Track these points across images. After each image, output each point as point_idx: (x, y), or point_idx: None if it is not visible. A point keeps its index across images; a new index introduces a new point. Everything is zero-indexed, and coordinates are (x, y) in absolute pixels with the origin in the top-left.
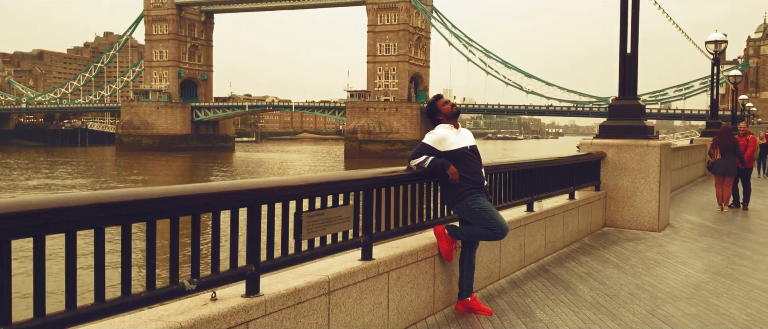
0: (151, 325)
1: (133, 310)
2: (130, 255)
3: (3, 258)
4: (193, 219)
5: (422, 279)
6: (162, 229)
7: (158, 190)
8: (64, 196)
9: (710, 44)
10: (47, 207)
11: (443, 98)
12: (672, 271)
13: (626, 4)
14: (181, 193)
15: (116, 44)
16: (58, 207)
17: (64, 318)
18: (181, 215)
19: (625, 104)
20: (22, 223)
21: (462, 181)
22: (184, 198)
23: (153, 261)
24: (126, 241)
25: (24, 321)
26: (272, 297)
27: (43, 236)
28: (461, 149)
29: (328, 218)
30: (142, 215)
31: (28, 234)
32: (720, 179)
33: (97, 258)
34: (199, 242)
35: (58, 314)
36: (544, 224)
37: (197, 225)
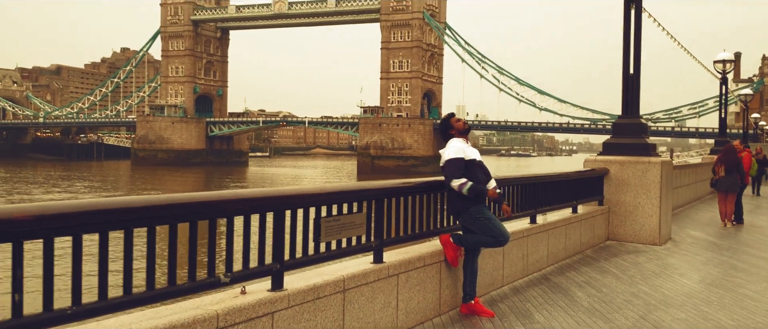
0: (192, 312)
1: (179, 297)
2: (176, 251)
3: (86, 248)
4: (228, 222)
5: (429, 283)
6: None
7: (200, 195)
8: (124, 199)
9: (718, 64)
10: (113, 208)
11: (456, 116)
12: (668, 281)
13: (629, 27)
14: (219, 198)
15: (133, 60)
16: (121, 208)
17: (121, 302)
18: (218, 217)
19: (628, 123)
20: (91, 220)
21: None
22: (221, 203)
23: (194, 257)
24: (173, 239)
25: (91, 302)
26: (294, 292)
27: (107, 232)
28: (473, 161)
29: (343, 224)
30: (186, 216)
31: (97, 230)
32: (723, 196)
33: (149, 252)
34: (233, 242)
35: (118, 298)
36: (547, 235)
37: (231, 227)
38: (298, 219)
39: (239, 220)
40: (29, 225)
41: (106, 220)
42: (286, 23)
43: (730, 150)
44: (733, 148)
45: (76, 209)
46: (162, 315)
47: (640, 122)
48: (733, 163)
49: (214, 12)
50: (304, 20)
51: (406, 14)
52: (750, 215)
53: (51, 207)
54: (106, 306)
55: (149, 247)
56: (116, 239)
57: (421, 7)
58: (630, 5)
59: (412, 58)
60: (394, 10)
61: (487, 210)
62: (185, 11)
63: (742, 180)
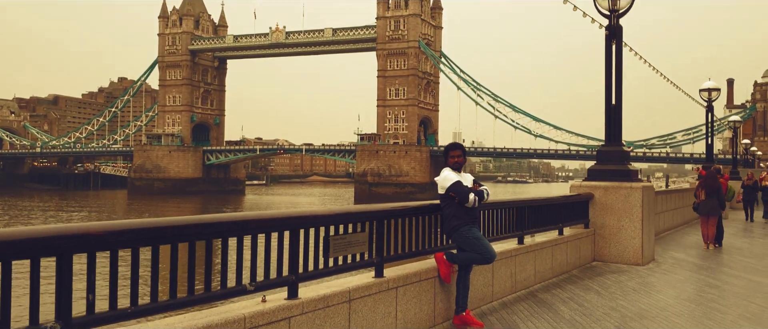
0: (223, 316)
1: (215, 301)
2: (211, 262)
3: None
4: (253, 239)
5: (425, 296)
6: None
7: (231, 216)
8: (172, 218)
9: (704, 92)
10: (166, 225)
11: (458, 152)
12: (645, 297)
13: (610, 61)
14: (245, 218)
15: (130, 89)
16: (172, 225)
17: (168, 304)
18: (245, 234)
19: (611, 150)
20: (150, 235)
21: (461, 214)
22: (247, 222)
23: (225, 268)
24: (208, 252)
25: (145, 304)
26: (307, 300)
27: (158, 247)
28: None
29: (349, 242)
30: (220, 234)
31: (145, 245)
32: (705, 219)
33: (190, 264)
34: (257, 256)
35: (165, 301)
36: (534, 256)
37: (255, 243)
38: (311, 237)
39: (261, 237)
40: (107, 238)
41: (160, 235)
42: (283, 52)
43: (711, 175)
44: (713, 173)
45: (139, 226)
46: (201, 317)
47: (622, 150)
48: (713, 188)
49: (211, 42)
50: (301, 49)
51: (402, 43)
52: (734, 238)
53: (125, 224)
54: (156, 307)
55: (190, 259)
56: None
57: (417, 36)
58: (611, 41)
59: (408, 86)
60: (391, 39)
61: (477, 231)
62: (183, 41)
63: (722, 205)
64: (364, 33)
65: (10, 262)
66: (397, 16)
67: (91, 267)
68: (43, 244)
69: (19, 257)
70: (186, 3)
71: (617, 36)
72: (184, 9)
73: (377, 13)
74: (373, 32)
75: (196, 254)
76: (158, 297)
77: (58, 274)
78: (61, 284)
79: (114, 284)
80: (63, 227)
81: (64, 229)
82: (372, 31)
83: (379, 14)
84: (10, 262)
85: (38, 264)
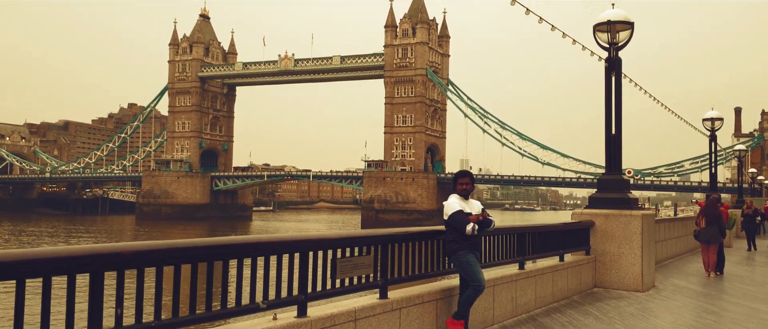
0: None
1: (231, 317)
2: (227, 281)
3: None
4: (265, 260)
5: (427, 317)
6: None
7: (245, 238)
8: (190, 240)
9: (707, 122)
10: (179, 247)
11: (466, 180)
12: (642, 322)
13: (610, 92)
14: (259, 241)
15: (140, 115)
16: (189, 247)
17: (189, 319)
18: (259, 255)
19: (611, 179)
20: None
21: (460, 240)
22: (262, 244)
23: (240, 287)
24: (225, 272)
25: (168, 319)
26: (316, 318)
27: (180, 266)
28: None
29: (355, 264)
30: (236, 255)
31: (169, 264)
32: (705, 247)
33: (208, 282)
34: (269, 276)
35: (186, 316)
36: (535, 281)
37: (267, 264)
38: (319, 259)
39: (273, 259)
40: (135, 258)
41: (182, 256)
42: (291, 79)
43: (711, 203)
44: (713, 201)
45: (163, 246)
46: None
47: (622, 178)
48: (713, 216)
49: (221, 69)
50: (309, 76)
51: (409, 71)
52: (736, 266)
53: (151, 245)
54: (178, 322)
55: (208, 278)
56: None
57: (425, 64)
58: (611, 73)
59: (415, 114)
60: (398, 66)
61: (473, 257)
62: (193, 68)
63: (723, 232)
64: (372, 60)
65: (50, 278)
66: (404, 44)
67: (120, 283)
68: (79, 262)
69: (58, 273)
70: (196, 30)
71: (616, 68)
72: (194, 36)
73: (385, 41)
74: (380, 60)
75: (214, 273)
76: (179, 313)
77: (91, 290)
78: (93, 299)
79: (140, 300)
80: (96, 247)
81: (97, 249)
82: (380, 59)
83: (387, 42)
84: (50, 278)
85: (74, 280)
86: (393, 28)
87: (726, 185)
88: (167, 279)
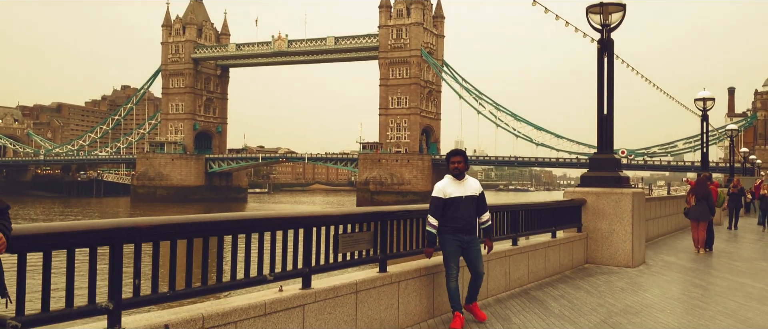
0: (246, 302)
1: (241, 288)
2: (237, 254)
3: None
4: (272, 235)
5: (424, 290)
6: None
7: (255, 214)
8: (202, 216)
9: (699, 102)
10: (193, 222)
11: (458, 158)
12: (632, 295)
13: (603, 73)
14: (267, 217)
15: (133, 97)
16: (202, 221)
17: (201, 290)
18: (266, 230)
19: (603, 158)
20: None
21: (444, 222)
22: (270, 220)
23: (248, 260)
24: (234, 246)
25: (182, 289)
26: (319, 290)
27: (192, 240)
28: (453, 199)
29: (356, 240)
30: (246, 230)
31: (182, 238)
32: (695, 224)
33: (219, 255)
34: (275, 250)
35: (198, 287)
36: (527, 256)
37: (274, 239)
38: (322, 235)
39: (279, 234)
40: (151, 231)
41: (195, 230)
42: (285, 61)
43: (701, 182)
44: (703, 180)
45: (177, 221)
46: (228, 302)
47: (613, 158)
48: (703, 194)
49: (214, 50)
50: (303, 58)
51: (404, 52)
52: (725, 243)
53: (166, 220)
54: (191, 292)
55: (219, 251)
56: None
57: (419, 45)
58: (603, 54)
59: (410, 95)
60: (393, 47)
61: (452, 245)
62: (186, 50)
63: (712, 210)
64: (366, 42)
65: (74, 250)
66: (399, 24)
67: (137, 255)
68: (100, 235)
69: (81, 245)
70: (189, 12)
71: (609, 49)
72: (187, 18)
73: (379, 22)
74: (375, 41)
75: (224, 246)
76: (192, 284)
77: (111, 261)
78: (113, 269)
79: (156, 271)
80: (116, 221)
81: (116, 223)
82: (374, 40)
83: (382, 23)
84: (74, 249)
85: (95, 251)
86: (387, 8)
87: (719, 164)
88: (180, 253)
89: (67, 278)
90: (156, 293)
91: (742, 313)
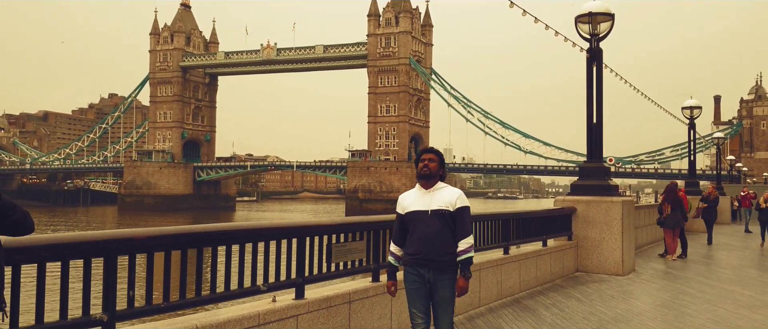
0: (240, 313)
1: (234, 299)
2: (231, 265)
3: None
4: (266, 245)
5: None
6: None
7: (248, 224)
8: (197, 226)
9: (686, 110)
10: (188, 232)
11: (429, 155)
12: (622, 303)
13: (591, 81)
14: (260, 227)
15: (121, 105)
16: (197, 232)
17: (196, 301)
18: (260, 240)
19: (593, 166)
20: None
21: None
22: (263, 230)
23: (242, 270)
24: (228, 257)
25: (176, 300)
26: (312, 300)
27: (187, 250)
28: (413, 213)
29: (349, 249)
30: (239, 240)
31: (177, 249)
32: (671, 232)
33: (213, 266)
34: (269, 260)
35: (192, 298)
36: (519, 265)
37: (268, 249)
38: (315, 245)
39: (273, 244)
40: (146, 243)
41: (190, 240)
42: (274, 69)
43: (671, 190)
44: (672, 188)
45: (173, 232)
46: (222, 313)
47: (603, 166)
48: (676, 202)
49: (202, 58)
50: (292, 66)
51: (392, 60)
52: (713, 250)
53: (161, 231)
54: (185, 303)
55: (212, 262)
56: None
57: (408, 53)
58: (592, 63)
59: (399, 103)
60: (381, 56)
61: (411, 282)
62: (174, 58)
63: (685, 217)
64: (355, 50)
65: (68, 261)
66: (387, 33)
67: (132, 267)
68: (95, 246)
69: (75, 257)
70: (177, 20)
71: (598, 58)
72: (176, 26)
73: (368, 30)
74: (363, 49)
75: (218, 257)
76: (186, 295)
77: (105, 272)
78: (107, 281)
79: (150, 282)
80: (110, 233)
81: (112, 234)
82: (363, 48)
83: (370, 31)
84: (68, 261)
85: (89, 263)
86: (376, 17)
87: (705, 172)
88: (174, 263)
89: (61, 290)
90: (150, 304)
91: (732, 321)
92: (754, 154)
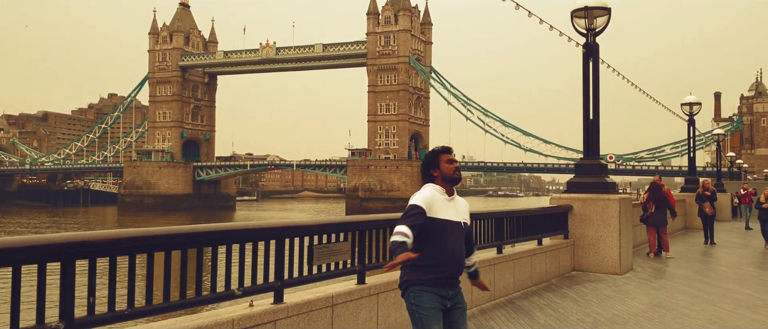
0: (213, 319)
1: (206, 305)
2: (202, 268)
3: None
4: (241, 247)
5: (403, 302)
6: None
7: (220, 225)
8: (161, 228)
9: (685, 106)
10: (151, 235)
11: (450, 155)
12: (619, 303)
13: (588, 78)
14: (234, 228)
15: (120, 105)
16: (161, 234)
17: (163, 307)
18: (234, 243)
19: (589, 164)
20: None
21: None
22: (237, 231)
23: (215, 274)
24: (199, 259)
25: (142, 306)
26: (292, 305)
27: (153, 254)
28: (448, 223)
29: (332, 251)
30: (211, 242)
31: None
32: (654, 230)
33: (183, 270)
34: (244, 263)
35: (160, 304)
36: (513, 265)
37: (243, 251)
38: (296, 246)
39: (248, 246)
40: (106, 246)
41: (155, 243)
42: (273, 68)
43: (654, 188)
44: (656, 186)
45: (135, 234)
46: (192, 319)
47: (600, 163)
48: (661, 200)
49: (201, 58)
50: (291, 65)
51: (392, 59)
52: (711, 248)
53: (122, 233)
54: (151, 310)
55: (182, 266)
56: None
57: (407, 51)
58: (588, 59)
59: (398, 102)
60: (381, 54)
61: (430, 300)
62: (173, 57)
63: (673, 213)
64: (354, 49)
65: (20, 267)
66: (387, 31)
67: (92, 271)
68: (50, 250)
69: (29, 262)
70: (176, 19)
71: (594, 54)
72: (175, 25)
73: (367, 29)
74: (363, 48)
75: (188, 261)
76: (153, 301)
77: (62, 278)
78: (65, 287)
79: (112, 288)
80: (67, 236)
81: (67, 237)
82: (362, 47)
83: (370, 30)
84: (19, 267)
85: (45, 268)
86: (375, 15)
87: (706, 168)
88: (140, 267)
89: (12, 297)
90: (113, 311)
91: (732, 321)
92: (754, 151)
